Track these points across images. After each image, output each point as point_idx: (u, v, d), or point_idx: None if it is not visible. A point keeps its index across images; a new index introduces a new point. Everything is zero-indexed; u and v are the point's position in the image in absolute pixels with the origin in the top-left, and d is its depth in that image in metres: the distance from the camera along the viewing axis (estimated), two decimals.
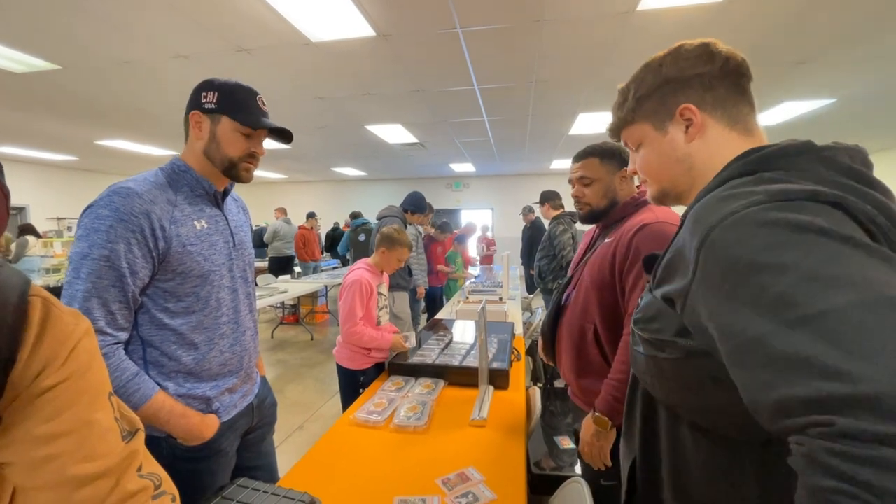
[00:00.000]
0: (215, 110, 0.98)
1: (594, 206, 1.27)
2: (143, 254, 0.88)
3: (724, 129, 0.60)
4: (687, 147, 0.61)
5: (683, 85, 0.61)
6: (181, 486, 0.79)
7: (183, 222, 0.95)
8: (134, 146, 6.14)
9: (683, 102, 0.61)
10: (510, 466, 1.16)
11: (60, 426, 0.49)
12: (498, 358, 1.88)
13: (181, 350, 0.96)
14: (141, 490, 0.53)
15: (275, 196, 10.46)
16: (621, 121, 0.70)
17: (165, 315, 0.94)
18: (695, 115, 0.60)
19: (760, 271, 0.38)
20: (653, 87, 0.64)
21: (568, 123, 5.12)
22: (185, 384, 0.97)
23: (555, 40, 2.84)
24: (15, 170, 7.26)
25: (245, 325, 1.10)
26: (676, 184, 0.65)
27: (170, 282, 0.94)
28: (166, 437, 0.95)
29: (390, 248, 2.01)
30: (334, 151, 6.88)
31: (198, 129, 1.00)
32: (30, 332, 0.48)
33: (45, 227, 7.17)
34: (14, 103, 4.11)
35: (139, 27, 2.60)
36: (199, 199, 1.01)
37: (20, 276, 0.51)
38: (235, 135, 0.99)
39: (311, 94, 3.89)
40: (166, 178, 0.98)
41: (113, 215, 0.86)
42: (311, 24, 2.56)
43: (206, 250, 0.99)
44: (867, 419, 0.29)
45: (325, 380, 3.80)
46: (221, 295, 1.02)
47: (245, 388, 1.12)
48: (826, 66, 3.35)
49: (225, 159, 1.00)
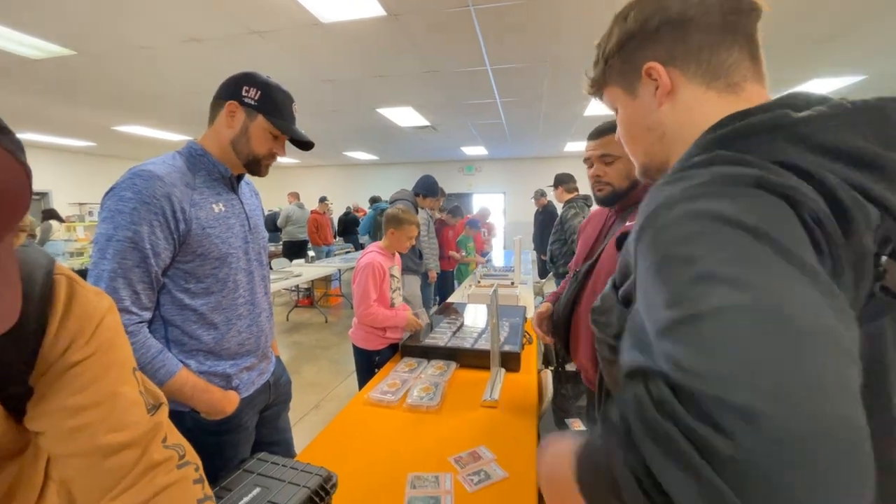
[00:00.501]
0: (254, 107, 1.01)
1: (616, 186, 1.18)
2: (164, 235, 0.91)
3: (697, 88, 0.49)
4: (657, 113, 0.52)
5: (648, 38, 0.51)
6: (206, 458, 0.84)
7: (202, 205, 0.98)
8: (149, 131, 6.22)
9: (650, 59, 0.51)
10: (521, 446, 1.17)
11: (89, 398, 0.51)
12: (510, 341, 1.89)
13: (201, 330, 1.00)
14: (166, 459, 0.55)
15: (288, 181, 10.52)
16: (594, 83, 0.60)
17: (186, 295, 0.98)
18: (660, 74, 0.50)
19: (670, 264, 0.35)
20: (617, 43, 0.54)
21: (583, 105, 5.00)
22: (206, 362, 1.01)
23: (570, 17, 2.75)
24: (37, 156, 7.43)
25: (261, 306, 1.14)
26: (652, 155, 0.55)
27: (190, 263, 0.97)
28: (190, 412, 0.99)
29: (398, 228, 2.02)
30: (346, 135, 6.86)
31: (230, 119, 1.02)
32: (57, 308, 0.50)
33: (67, 212, 7.36)
34: (33, 89, 4.18)
35: (153, 11, 2.59)
36: (216, 184, 1.04)
37: (45, 256, 0.52)
38: (266, 134, 1.03)
39: (322, 76, 3.87)
40: (185, 162, 1.01)
41: (136, 198, 0.88)
42: (322, 5, 2.53)
43: (223, 233, 1.02)
44: (680, 409, 0.27)
45: (340, 361, 3.88)
46: (238, 277, 1.06)
47: (262, 366, 1.16)
48: (855, 41, 3.19)
49: (250, 154, 1.04)
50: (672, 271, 0.34)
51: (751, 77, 0.48)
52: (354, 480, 1.01)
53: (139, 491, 0.51)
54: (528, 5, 2.59)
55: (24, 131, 6.15)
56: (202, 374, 1.00)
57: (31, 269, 0.49)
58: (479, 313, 2.44)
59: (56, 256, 3.07)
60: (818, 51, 3.37)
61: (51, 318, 0.50)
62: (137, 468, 0.52)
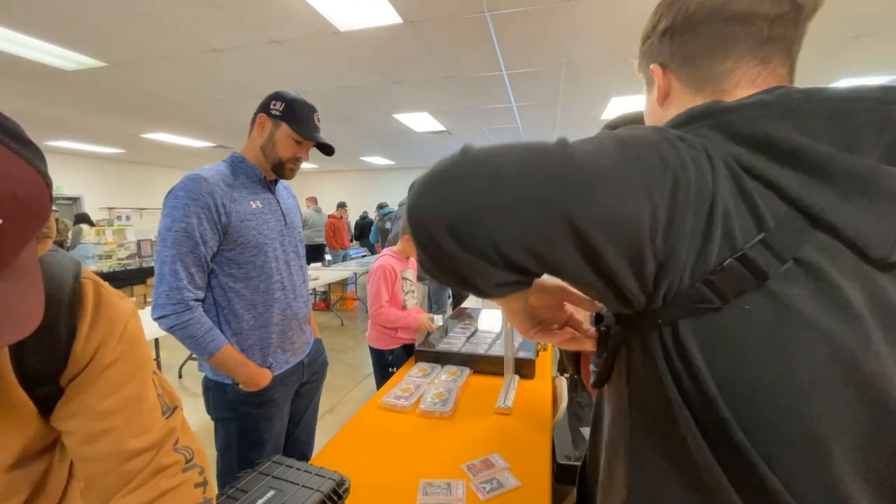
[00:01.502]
0: (279, 117, 1.19)
1: None
2: (210, 226, 1.09)
3: (687, 94, 0.49)
4: (659, 111, 0.53)
5: (658, 40, 0.51)
6: (243, 426, 1.18)
7: (240, 202, 1.16)
8: (176, 139, 6.42)
9: (653, 61, 0.52)
10: (535, 455, 1.16)
11: (115, 402, 0.53)
12: (524, 347, 1.87)
13: (244, 310, 1.18)
14: (174, 463, 0.57)
15: (307, 185, 10.71)
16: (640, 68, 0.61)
17: (230, 279, 1.16)
18: (658, 77, 0.52)
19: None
20: (642, 40, 0.55)
21: (600, 108, 4.94)
22: (247, 340, 1.19)
23: (587, 21, 2.73)
24: (70, 162, 7.77)
25: (297, 291, 1.31)
26: None
27: (232, 251, 1.15)
28: (232, 384, 1.17)
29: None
30: (363, 140, 6.94)
31: (261, 129, 1.21)
32: (86, 311, 0.52)
33: (98, 217, 7.65)
34: (65, 99, 4.38)
35: (176, 23, 2.69)
36: (254, 185, 1.23)
37: (72, 260, 0.55)
38: (289, 140, 1.20)
39: (340, 83, 3.93)
40: (228, 168, 1.20)
41: (187, 195, 1.07)
42: (339, 13, 2.58)
43: (260, 225, 1.19)
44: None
45: (355, 364, 3.91)
46: (274, 265, 1.22)
47: (295, 347, 1.32)
48: (887, 39, 3.06)
49: (276, 157, 1.21)
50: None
51: (749, 83, 0.46)
52: (367, 485, 1.02)
53: (144, 492, 0.53)
54: (543, 11, 2.59)
55: (57, 139, 6.44)
56: (243, 351, 1.17)
57: (60, 273, 0.51)
58: (493, 318, 2.43)
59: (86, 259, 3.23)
60: (847, 48, 3.25)
61: (80, 321, 0.52)
62: (147, 470, 0.54)
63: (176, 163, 9.25)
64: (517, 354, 1.73)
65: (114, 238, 6.55)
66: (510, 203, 0.34)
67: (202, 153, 7.47)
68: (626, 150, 0.36)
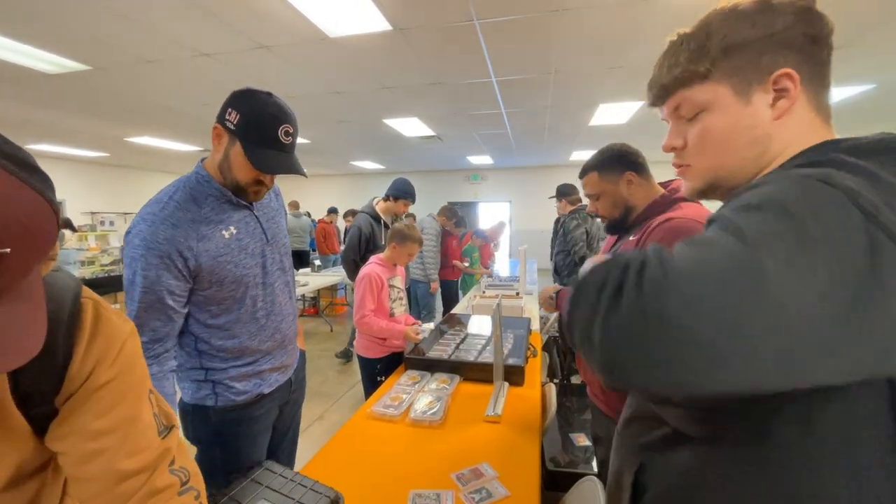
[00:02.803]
0: (233, 132, 0.96)
1: (609, 217, 1.25)
2: (174, 275, 0.95)
3: (811, 111, 0.47)
4: (770, 126, 0.48)
5: (787, 43, 0.46)
6: (228, 448, 1.07)
7: (210, 237, 0.99)
8: (161, 142, 6.33)
9: (783, 66, 0.46)
10: (524, 463, 1.16)
11: (109, 422, 0.52)
12: (513, 354, 1.88)
13: (227, 342, 1.08)
14: (168, 486, 0.56)
15: (296, 190, 10.62)
16: (684, 75, 0.52)
17: (209, 316, 1.05)
18: (794, 85, 0.46)
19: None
20: (750, 37, 0.47)
21: (588, 114, 5.00)
22: (236, 372, 1.10)
23: (574, 30, 2.77)
24: (51, 166, 7.60)
25: (284, 312, 1.19)
26: (737, 171, 0.51)
27: (208, 290, 1.02)
28: (215, 405, 1.08)
29: (401, 244, 2.06)
30: (353, 145, 6.93)
31: (217, 142, 1.00)
32: (84, 331, 0.52)
33: (80, 221, 7.48)
34: (48, 103, 4.29)
35: (163, 27, 2.66)
36: (224, 208, 1.04)
37: (74, 280, 0.54)
38: (246, 162, 0.96)
39: (330, 88, 3.92)
40: (190, 193, 1.00)
41: (142, 244, 0.93)
42: (329, 20, 2.58)
43: (236, 257, 1.04)
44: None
45: (345, 371, 3.88)
46: (256, 292, 1.10)
47: (285, 365, 1.24)
48: (863, 50, 3.17)
49: (233, 180, 1.01)
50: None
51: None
52: (356, 497, 1.01)
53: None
54: (531, 20, 2.62)
55: (39, 143, 6.30)
56: (234, 383, 1.09)
57: (60, 293, 0.51)
58: (483, 324, 2.44)
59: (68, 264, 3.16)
60: None
61: (78, 341, 0.51)
62: (140, 494, 0.53)
63: (162, 166, 9.11)
64: (507, 361, 1.74)
65: (96, 243, 6.41)
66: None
67: (188, 157, 7.37)
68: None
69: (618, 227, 1.24)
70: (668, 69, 0.54)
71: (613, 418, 1.15)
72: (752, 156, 0.49)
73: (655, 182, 1.23)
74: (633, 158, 1.20)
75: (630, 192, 1.19)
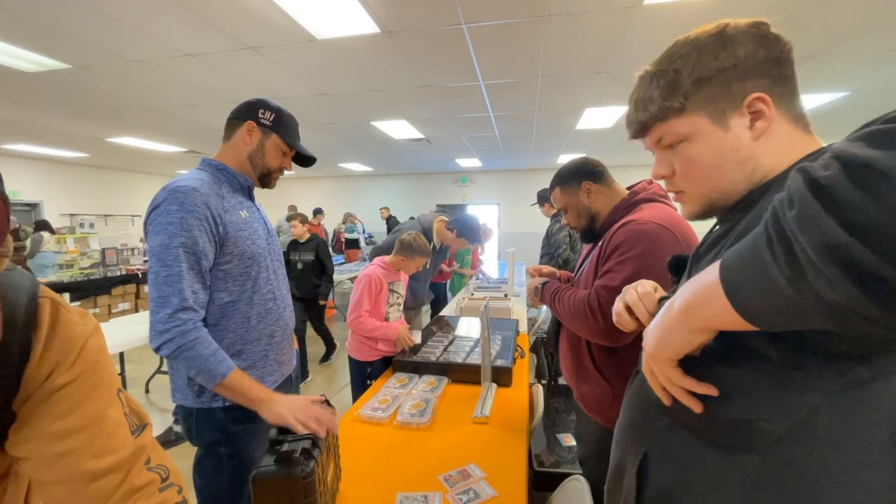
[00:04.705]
0: (270, 127, 1.18)
1: (578, 227, 1.30)
2: (209, 238, 1.04)
3: (789, 125, 0.51)
4: (752, 146, 0.51)
5: (753, 70, 0.50)
6: (235, 446, 1.10)
7: (232, 211, 1.12)
8: (144, 143, 6.21)
9: (752, 91, 0.50)
10: (512, 464, 1.17)
11: (73, 423, 0.51)
12: (501, 355, 1.89)
13: (239, 325, 1.12)
14: (149, 483, 0.55)
15: (285, 192, 10.51)
16: (661, 112, 0.55)
17: (226, 294, 1.10)
18: (767, 106, 0.50)
19: None
20: (716, 69, 0.51)
21: (575, 118, 5.07)
22: (245, 357, 1.13)
23: (561, 35, 2.81)
24: (28, 166, 7.39)
25: (286, 300, 1.28)
26: (728, 192, 0.53)
27: (227, 264, 1.09)
28: (221, 406, 1.09)
29: (409, 258, 2.07)
30: (341, 147, 6.89)
31: (248, 137, 1.17)
32: (41, 332, 0.50)
33: (59, 224, 7.29)
34: (27, 102, 4.18)
35: (147, 26, 2.62)
36: (237, 193, 1.18)
37: (30, 279, 0.53)
38: (278, 150, 1.20)
39: (317, 90, 3.90)
40: (210, 176, 1.13)
41: (181, 209, 1.00)
42: (316, 22, 2.57)
43: (251, 235, 1.15)
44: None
45: (333, 374, 3.85)
46: (267, 274, 1.19)
47: (288, 358, 1.29)
48: (837, 58, 3.28)
49: (265, 167, 1.20)
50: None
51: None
52: (345, 500, 1.01)
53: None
54: (519, 25, 2.65)
55: (17, 143, 6.12)
56: (247, 369, 1.12)
57: (14, 294, 0.49)
58: (471, 326, 2.45)
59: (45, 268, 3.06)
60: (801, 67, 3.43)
61: (35, 343, 0.50)
62: (119, 493, 0.52)
63: (145, 168, 8.93)
64: (494, 363, 1.75)
65: (76, 246, 6.25)
66: None
67: (172, 158, 7.24)
68: None
69: (589, 235, 1.28)
70: (644, 106, 0.57)
71: (596, 421, 1.17)
72: (742, 176, 0.52)
73: (619, 187, 1.26)
74: (588, 168, 1.25)
75: (591, 201, 1.24)
